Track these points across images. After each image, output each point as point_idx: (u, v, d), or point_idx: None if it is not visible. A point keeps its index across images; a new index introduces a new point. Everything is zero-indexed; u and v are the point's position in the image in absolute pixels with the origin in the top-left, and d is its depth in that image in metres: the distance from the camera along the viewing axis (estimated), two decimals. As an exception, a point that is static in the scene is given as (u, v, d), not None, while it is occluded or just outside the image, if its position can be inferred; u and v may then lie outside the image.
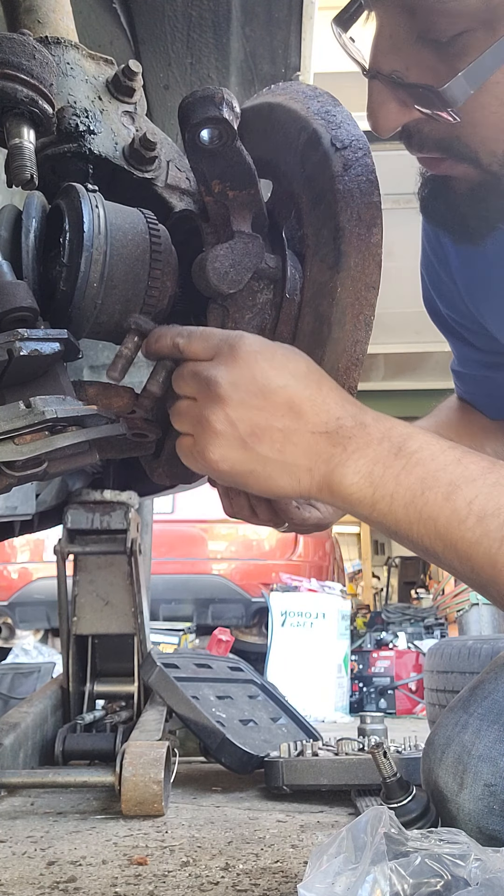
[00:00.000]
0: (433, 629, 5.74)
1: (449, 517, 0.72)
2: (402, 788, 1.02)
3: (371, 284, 0.85)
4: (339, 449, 0.77)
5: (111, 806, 1.60)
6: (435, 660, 2.61)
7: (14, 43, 0.77)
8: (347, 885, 0.74)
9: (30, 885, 1.09)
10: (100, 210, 0.81)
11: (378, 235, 0.86)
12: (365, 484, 0.75)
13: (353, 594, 9.04)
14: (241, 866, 1.16)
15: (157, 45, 1.54)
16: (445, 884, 0.73)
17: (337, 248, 0.85)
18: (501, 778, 1.04)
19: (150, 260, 0.84)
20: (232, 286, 0.86)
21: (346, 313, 0.85)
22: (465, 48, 0.77)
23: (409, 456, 0.75)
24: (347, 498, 0.76)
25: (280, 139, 0.92)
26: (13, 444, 0.73)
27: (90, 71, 0.90)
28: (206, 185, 0.87)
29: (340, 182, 0.86)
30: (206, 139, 0.82)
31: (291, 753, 1.69)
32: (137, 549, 2.12)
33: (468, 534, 0.71)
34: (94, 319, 0.83)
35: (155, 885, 1.07)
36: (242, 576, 5.22)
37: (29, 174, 0.77)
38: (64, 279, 0.80)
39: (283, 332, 0.91)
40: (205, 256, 0.86)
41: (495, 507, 0.70)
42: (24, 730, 1.81)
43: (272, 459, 0.77)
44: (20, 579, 5.14)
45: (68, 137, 0.85)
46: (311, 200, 0.89)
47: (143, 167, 0.89)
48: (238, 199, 0.88)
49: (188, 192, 0.92)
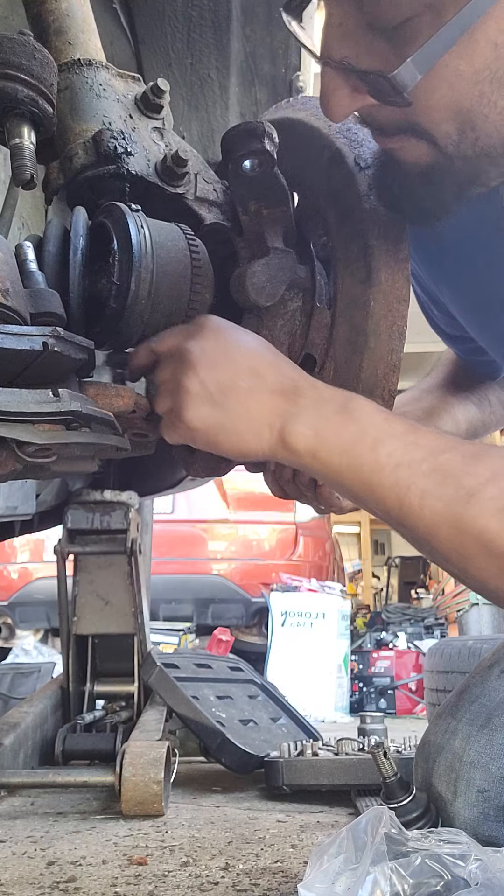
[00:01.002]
0: (433, 629, 5.74)
1: (371, 466, 0.81)
2: (402, 788, 1.02)
3: (402, 297, 0.92)
4: (292, 405, 0.85)
5: (111, 806, 1.60)
6: (435, 660, 2.61)
7: (14, 43, 0.77)
8: (347, 886, 0.74)
9: (30, 885, 1.09)
10: (145, 230, 0.85)
11: (405, 251, 0.93)
12: (311, 434, 0.84)
13: (353, 594, 9.04)
14: (241, 866, 1.16)
15: (157, 45, 1.54)
16: (446, 884, 0.73)
17: (367, 264, 0.92)
18: (494, 783, 1.04)
19: (192, 275, 0.89)
20: (269, 299, 0.92)
21: (380, 325, 0.91)
22: (412, 34, 0.78)
23: (349, 413, 0.84)
24: (296, 448, 0.85)
25: (303, 155, 0.98)
26: (33, 427, 0.76)
27: (120, 90, 0.93)
28: (244, 206, 0.94)
29: (367, 201, 0.92)
30: (248, 168, 0.89)
31: (291, 753, 1.69)
32: (137, 549, 2.12)
33: (385, 480, 0.80)
34: (140, 333, 0.88)
35: (155, 885, 1.07)
36: (242, 576, 5.21)
37: (29, 174, 0.78)
38: (114, 297, 0.85)
39: (315, 339, 0.97)
40: (243, 272, 0.91)
41: (409, 460, 0.80)
42: (24, 730, 1.81)
43: (238, 415, 0.86)
44: (20, 579, 5.14)
45: (107, 159, 0.89)
46: (338, 216, 0.95)
47: (175, 182, 0.94)
48: (272, 217, 0.94)
49: (216, 204, 0.97)
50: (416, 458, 0.80)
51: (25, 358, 0.74)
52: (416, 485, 0.78)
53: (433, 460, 0.79)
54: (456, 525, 0.76)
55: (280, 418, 0.85)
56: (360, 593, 10.75)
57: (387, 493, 0.80)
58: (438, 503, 0.77)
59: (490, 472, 0.76)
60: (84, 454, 0.87)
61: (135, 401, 0.89)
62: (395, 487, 0.80)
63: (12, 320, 0.74)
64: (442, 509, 0.77)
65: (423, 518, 0.78)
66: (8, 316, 0.74)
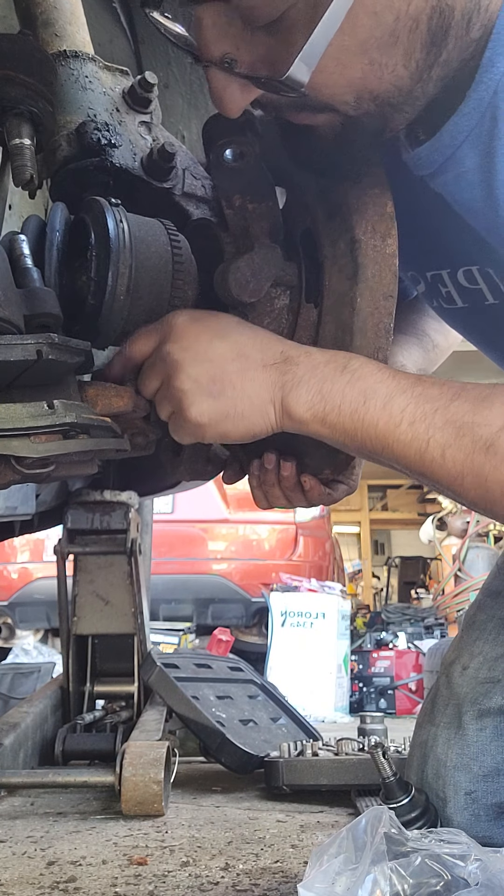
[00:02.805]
0: (433, 629, 5.73)
1: (386, 422, 0.82)
2: (401, 788, 1.02)
3: (388, 294, 0.90)
4: (290, 376, 0.86)
5: (111, 806, 1.60)
6: (435, 660, 2.61)
7: (14, 43, 0.77)
8: (347, 885, 0.74)
9: (30, 885, 1.09)
10: (124, 225, 0.83)
11: (393, 246, 0.90)
12: (317, 400, 0.85)
13: (353, 594, 9.04)
14: (241, 866, 1.16)
15: (156, 45, 1.54)
16: (446, 884, 0.73)
17: (354, 259, 0.89)
18: (478, 782, 1.05)
19: (173, 271, 0.87)
20: (252, 295, 0.90)
21: (367, 322, 0.89)
22: (292, 25, 0.77)
23: (353, 372, 0.85)
24: (303, 417, 0.85)
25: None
26: (29, 440, 0.75)
27: (107, 83, 0.91)
28: (228, 200, 0.91)
29: (354, 195, 0.89)
30: (230, 158, 0.88)
31: (291, 753, 1.69)
32: (137, 549, 2.12)
33: (402, 436, 0.82)
34: (120, 330, 0.86)
35: (155, 885, 1.07)
36: (242, 576, 5.21)
37: (29, 174, 0.77)
38: (92, 293, 0.83)
39: (303, 338, 0.95)
40: (226, 267, 0.89)
41: (422, 413, 0.81)
42: (24, 730, 1.81)
43: (238, 399, 0.86)
44: (20, 579, 5.13)
45: (91, 151, 0.87)
46: (325, 212, 0.92)
47: (161, 178, 0.91)
48: (257, 211, 0.92)
49: (204, 200, 0.95)
50: (427, 410, 0.81)
51: (20, 367, 0.73)
52: (435, 438, 0.81)
53: (445, 411, 0.81)
54: (478, 474, 0.79)
55: (280, 390, 0.86)
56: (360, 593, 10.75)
57: (405, 448, 0.82)
58: (459, 454, 0.80)
59: (502, 420, 0.79)
60: (84, 459, 0.86)
61: (134, 401, 0.89)
62: (413, 442, 0.82)
63: (5, 329, 0.73)
64: (463, 460, 0.80)
65: (446, 469, 0.81)
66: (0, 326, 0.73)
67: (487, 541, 6.79)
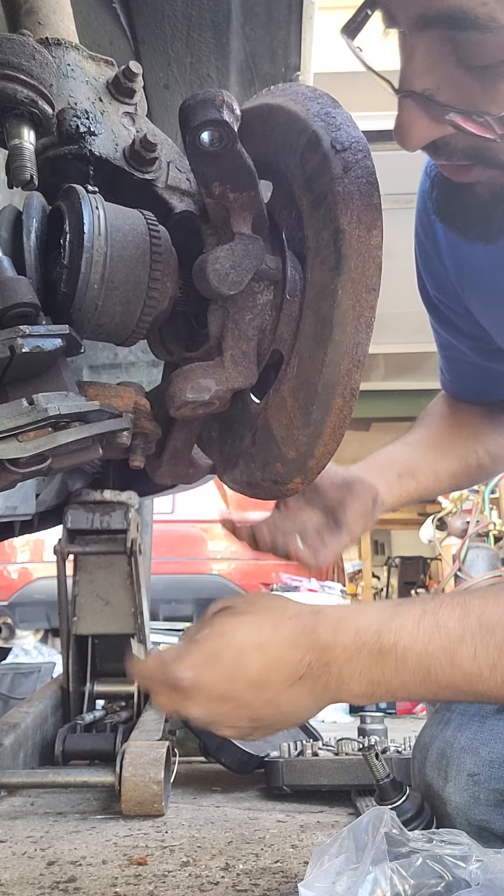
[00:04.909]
0: (433, 629, 5.73)
1: (465, 677, 0.78)
2: (395, 789, 1.03)
3: (371, 287, 0.85)
4: (327, 678, 0.81)
5: (111, 806, 1.60)
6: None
7: (14, 43, 0.77)
8: (348, 885, 0.74)
9: (30, 885, 1.09)
10: (100, 211, 0.81)
11: (378, 238, 0.86)
12: (374, 688, 0.80)
13: (353, 594, 9.03)
14: (241, 866, 1.16)
15: (156, 45, 1.54)
16: (446, 885, 0.73)
17: (337, 250, 0.85)
18: (484, 766, 1.05)
19: (151, 262, 0.84)
20: (232, 288, 0.86)
21: (347, 316, 0.85)
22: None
23: (392, 650, 0.79)
24: (366, 700, 0.82)
25: (280, 141, 0.91)
26: (17, 441, 0.74)
27: (91, 72, 0.89)
28: (207, 187, 0.87)
29: (340, 184, 0.86)
30: (207, 141, 0.82)
31: (291, 753, 1.69)
32: (137, 549, 2.12)
33: (490, 682, 0.77)
34: (95, 321, 0.83)
35: (155, 885, 1.07)
36: (242, 576, 5.21)
37: (29, 175, 0.77)
38: (65, 281, 0.80)
39: (284, 334, 0.91)
40: (205, 258, 0.85)
41: (495, 650, 0.77)
42: (24, 730, 1.81)
43: (281, 722, 0.85)
44: (20, 579, 5.13)
45: (69, 139, 0.85)
46: (311, 203, 0.89)
47: (143, 168, 0.89)
48: (238, 201, 0.88)
49: (188, 193, 0.92)
50: (489, 642, 0.77)
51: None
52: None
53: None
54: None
55: (324, 692, 0.82)
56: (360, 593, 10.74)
57: (502, 691, 0.78)
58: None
59: None
60: (83, 446, 0.84)
61: (134, 401, 0.88)
62: (500, 684, 0.78)
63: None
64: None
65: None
66: None
67: (487, 541, 6.79)
